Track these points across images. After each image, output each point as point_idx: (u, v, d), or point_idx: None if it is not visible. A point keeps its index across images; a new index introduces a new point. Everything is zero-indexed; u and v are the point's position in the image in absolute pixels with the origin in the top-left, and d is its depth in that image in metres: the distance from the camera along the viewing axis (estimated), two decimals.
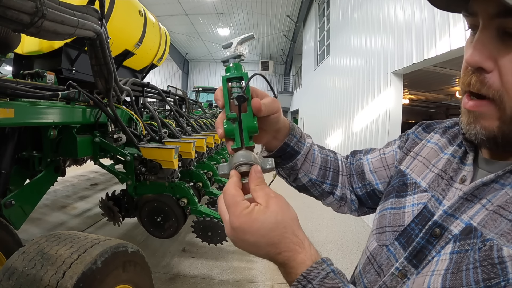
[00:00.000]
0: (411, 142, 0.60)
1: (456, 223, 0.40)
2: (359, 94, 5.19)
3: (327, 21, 8.49)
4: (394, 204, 0.52)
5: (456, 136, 0.52)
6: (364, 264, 0.52)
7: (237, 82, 0.45)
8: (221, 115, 0.46)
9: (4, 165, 1.64)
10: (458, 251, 0.37)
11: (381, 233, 0.51)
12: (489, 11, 0.35)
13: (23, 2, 1.11)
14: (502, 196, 0.37)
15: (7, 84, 1.35)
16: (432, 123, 0.61)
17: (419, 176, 0.52)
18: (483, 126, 0.38)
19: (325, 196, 0.65)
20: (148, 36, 3.11)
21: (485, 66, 0.36)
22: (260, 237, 0.38)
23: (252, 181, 0.43)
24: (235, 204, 0.40)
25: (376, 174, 0.63)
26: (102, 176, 5.93)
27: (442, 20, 2.73)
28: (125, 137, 2.11)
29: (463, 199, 0.41)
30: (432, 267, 0.39)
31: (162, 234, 2.24)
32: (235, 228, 0.39)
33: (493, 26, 0.35)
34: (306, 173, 0.62)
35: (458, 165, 0.47)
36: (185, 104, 4.33)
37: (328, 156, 0.66)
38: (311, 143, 0.63)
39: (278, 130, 0.55)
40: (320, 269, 0.39)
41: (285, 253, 0.39)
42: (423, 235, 0.43)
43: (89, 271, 1.03)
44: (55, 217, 3.70)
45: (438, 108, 9.44)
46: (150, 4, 8.27)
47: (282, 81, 18.87)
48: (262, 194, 0.41)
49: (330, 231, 3.75)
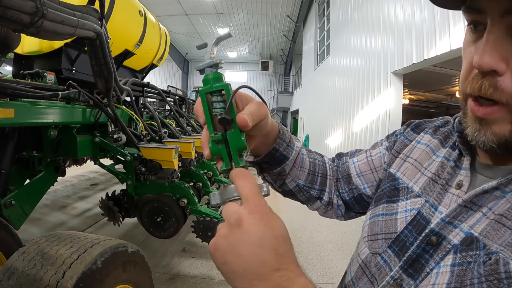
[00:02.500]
0: (400, 143, 0.56)
1: (455, 232, 0.38)
2: (359, 94, 5.19)
3: (327, 21, 8.48)
4: (385, 210, 0.50)
5: (448, 137, 0.50)
6: (356, 272, 0.50)
7: (218, 96, 0.39)
8: (205, 132, 0.41)
9: (4, 165, 1.64)
10: (460, 264, 0.35)
11: (373, 241, 0.49)
12: (500, 8, 0.32)
13: (23, 2, 1.11)
14: (504, 204, 0.35)
15: (7, 84, 1.35)
16: (421, 122, 0.58)
17: (411, 180, 0.50)
18: (494, 132, 0.35)
19: (312, 201, 0.63)
20: (148, 36, 3.11)
21: (499, 69, 0.33)
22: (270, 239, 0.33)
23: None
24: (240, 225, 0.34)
25: (363, 178, 0.61)
26: (102, 176, 5.93)
27: (442, 20, 2.73)
28: (125, 137, 2.11)
29: (462, 207, 0.39)
30: (432, 280, 0.37)
31: (162, 234, 2.24)
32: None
33: (504, 24, 0.32)
34: (293, 179, 0.59)
35: (453, 169, 0.45)
36: (185, 104, 4.33)
37: (316, 160, 0.63)
38: (300, 147, 0.59)
39: (266, 134, 0.50)
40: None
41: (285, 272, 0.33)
42: (419, 244, 0.41)
43: (89, 271, 1.03)
44: (55, 217, 3.70)
45: (438, 108, 9.44)
46: (150, 4, 8.27)
47: (282, 81, 18.86)
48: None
49: (330, 231, 3.75)
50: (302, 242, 3.42)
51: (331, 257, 3.08)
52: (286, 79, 18.65)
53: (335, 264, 2.95)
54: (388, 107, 3.91)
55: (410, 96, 8.09)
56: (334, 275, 2.71)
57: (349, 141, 5.63)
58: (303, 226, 3.86)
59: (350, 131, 5.59)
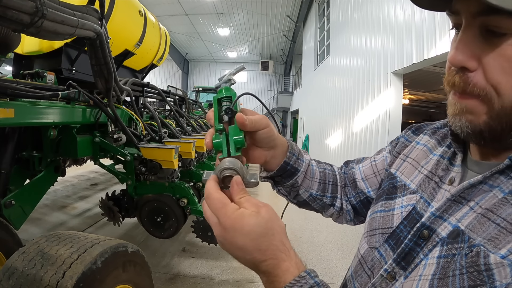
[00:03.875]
0: (401, 145, 0.59)
1: (444, 226, 0.40)
2: (359, 94, 5.19)
3: (327, 21, 8.49)
4: (384, 207, 0.52)
5: (445, 137, 0.52)
6: (355, 267, 0.52)
7: (227, 101, 0.48)
8: (211, 129, 0.48)
9: (4, 165, 1.64)
10: (445, 256, 0.37)
11: (371, 236, 0.51)
12: (471, 10, 0.35)
13: (23, 2, 1.11)
14: (491, 198, 0.37)
15: (7, 84, 1.35)
16: (422, 125, 0.60)
17: (408, 178, 0.52)
18: (469, 120, 0.38)
19: (326, 209, 0.66)
20: (148, 36, 3.11)
21: (469, 66, 0.36)
22: (249, 240, 0.38)
23: (236, 194, 0.41)
24: (224, 206, 0.39)
25: (367, 182, 0.64)
26: (102, 176, 5.93)
27: (442, 20, 2.73)
28: (125, 137, 2.11)
29: (451, 201, 0.40)
30: (420, 271, 0.39)
31: (162, 234, 2.24)
32: (227, 228, 0.38)
33: (476, 24, 0.35)
34: (306, 189, 0.62)
35: (447, 166, 0.47)
36: (185, 104, 4.33)
37: (326, 169, 0.67)
38: (309, 159, 0.63)
39: (275, 147, 0.54)
40: (303, 281, 0.38)
41: (270, 261, 0.38)
42: (411, 237, 0.42)
43: (89, 271, 1.03)
44: (55, 217, 3.70)
45: (438, 108, 9.44)
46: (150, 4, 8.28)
47: (282, 81, 18.87)
48: (249, 204, 0.40)
49: (330, 231, 3.75)
50: (302, 242, 3.42)
51: (331, 257, 3.08)
52: (286, 79, 18.66)
53: (335, 264, 2.95)
54: (388, 107, 3.91)
55: (410, 96, 8.09)
56: (334, 275, 2.71)
57: (349, 141, 5.63)
58: (303, 226, 3.86)
59: (350, 131, 5.59)
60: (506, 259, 0.32)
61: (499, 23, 0.33)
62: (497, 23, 0.33)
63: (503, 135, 0.37)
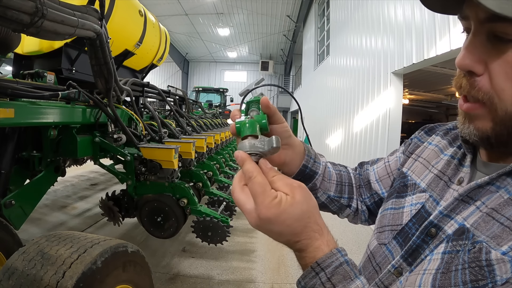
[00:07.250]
0: (414, 145, 0.61)
1: (451, 224, 0.41)
2: (359, 94, 5.19)
3: (327, 21, 8.48)
4: (394, 205, 0.54)
5: (456, 138, 0.53)
6: (364, 262, 0.54)
7: (255, 103, 0.52)
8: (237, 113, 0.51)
9: (4, 165, 1.64)
10: (450, 251, 0.38)
11: (381, 232, 0.53)
12: (479, 16, 0.35)
13: (23, 2, 1.11)
14: (496, 198, 0.38)
15: (7, 84, 1.35)
16: (434, 126, 0.61)
17: (419, 177, 0.53)
18: (477, 127, 0.39)
19: (342, 210, 0.67)
20: (148, 36, 3.11)
21: (475, 70, 0.36)
22: (285, 227, 0.39)
23: (268, 174, 0.42)
24: (264, 194, 0.39)
25: (381, 183, 0.65)
26: (102, 176, 5.93)
27: (442, 20, 2.73)
28: (125, 137, 2.11)
29: (459, 200, 0.42)
30: (425, 266, 0.40)
31: (162, 234, 2.24)
32: (263, 218, 0.39)
33: (484, 30, 0.36)
34: (324, 191, 0.63)
35: (456, 167, 0.48)
36: (185, 104, 4.33)
37: (341, 171, 0.68)
38: (325, 161, 0.65)
39: (292, 146, 0.56)
40: (334, 258, 0.40)
41: (304, 241, 0.41)
42: (419, 234, 0.44)
43: (89, 271, 1.03)
44: (55, 217, 3.70)
45: (438, 108, 9.44)
46: (150, 4, 8.28)
47: (282, 81, 18.86)
48: (283, 184, 0.41)
49: (330, 231, 3.75)
50: None
51: None
52: (286, 79, 18.66)
53: None
54: (388, 107, 3.91)
55: (410, 96, 8.08)
56: None
57: (349, 141, 5.63)
58: None
59: (350, 131, 5.59)
60: (506, 255, 0.33)
61: (506, 30, 0.33)
62: (504, 30, 0.33)
63: (509, 140, 0.38)
